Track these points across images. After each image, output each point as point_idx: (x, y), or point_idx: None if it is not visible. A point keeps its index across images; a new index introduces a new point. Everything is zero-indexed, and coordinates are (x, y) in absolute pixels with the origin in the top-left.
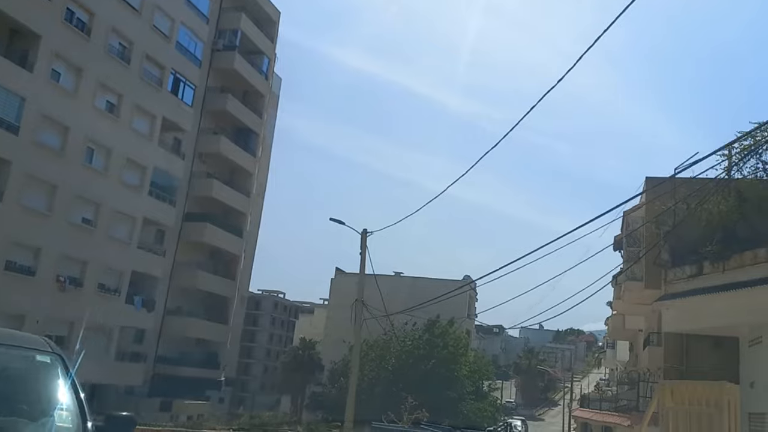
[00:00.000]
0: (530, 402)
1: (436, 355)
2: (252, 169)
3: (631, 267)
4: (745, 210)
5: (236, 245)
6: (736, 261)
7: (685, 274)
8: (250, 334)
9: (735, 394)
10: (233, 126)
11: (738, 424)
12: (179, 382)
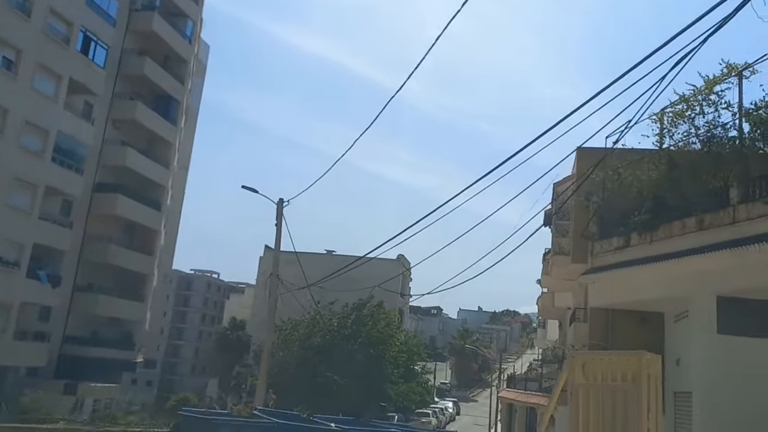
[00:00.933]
0: (465, 383)
1: (364, 335)
2: (172, 139)
3: (560, 241)
4: (676, 177)
5: (154, 219)
6: (664, 231)
7: (612, 246)
8: (181, 315)
9: (655, 366)
10: (152, 92)
11: (659, 400)
12: (89, 364)
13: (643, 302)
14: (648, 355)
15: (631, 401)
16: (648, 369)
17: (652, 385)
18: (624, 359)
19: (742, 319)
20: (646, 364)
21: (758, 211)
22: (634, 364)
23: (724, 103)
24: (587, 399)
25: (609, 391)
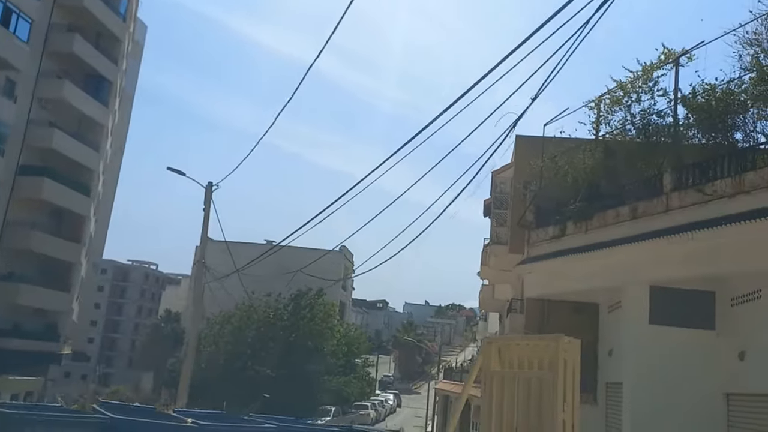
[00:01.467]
0: (408, 376)
1: (301, 327)
2: (104, 121)
3: (498, 231)
4: (611, 165)
5: (83, 205)
6: (599, 220)
7: (548, 235)
8: (117, 307)
9: (574, 351)
10: (82, 71)
11: (576, 389)
12: (9, 356)
13: (579, 292)
14: (566, 339)
15: (546, 390)
16: (565, 354)
17: (569, 372)
18: (541, 344)
19: (674, 309)
20: (564, 350)
21: (691, 199)
22: (551, 349)
23: (661, 90)
24: (501, 388)
25: (524, 379)
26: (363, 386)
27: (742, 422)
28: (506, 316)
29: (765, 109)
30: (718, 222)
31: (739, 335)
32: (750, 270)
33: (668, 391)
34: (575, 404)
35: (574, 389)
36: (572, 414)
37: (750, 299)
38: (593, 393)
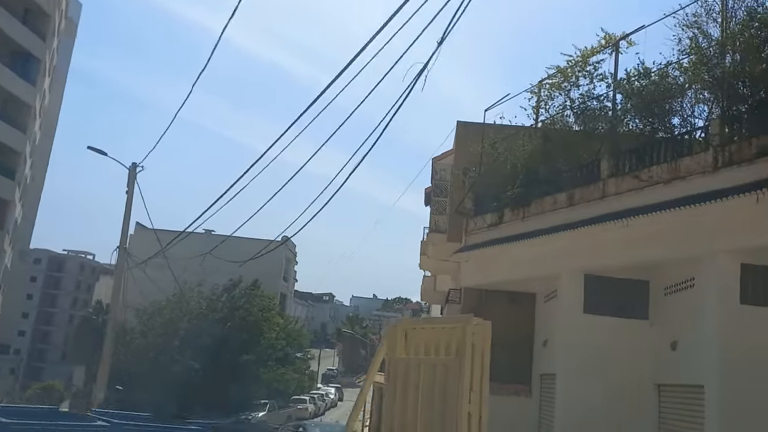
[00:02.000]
0: (352, 369)
1: (237, 319)
2: (31, 101)
3: (436, 219)
4: (549, 151)
5: (7, 189)
6: (536, 207)
7: (486, 223)
8: (51, 299)
9: (484, 335)
10: (7, 48)
11: (485, 376)
12: None
13: (516, 282)
14: (475, 320)
15: (452, 378)
16: (474, 338)
17: (478, 358)
18: (448, 327)
19: (608, 299)
20: (472, 333)
21: (627, 185)
22: (459, 332)
23: (600, 75)
24: (406, 376)
25: (429, 366)
26: (303, 380)
27: (673, 413)
28: (444, 306)
29: (703, 93)
30: (652, 209)
31: (671, 325)
32: (684, 257)
33: (601, 381)
34: (484, 394)
35: (483, 377)
36: (480, 405)
37: (683, 288)
38: (528, 385)
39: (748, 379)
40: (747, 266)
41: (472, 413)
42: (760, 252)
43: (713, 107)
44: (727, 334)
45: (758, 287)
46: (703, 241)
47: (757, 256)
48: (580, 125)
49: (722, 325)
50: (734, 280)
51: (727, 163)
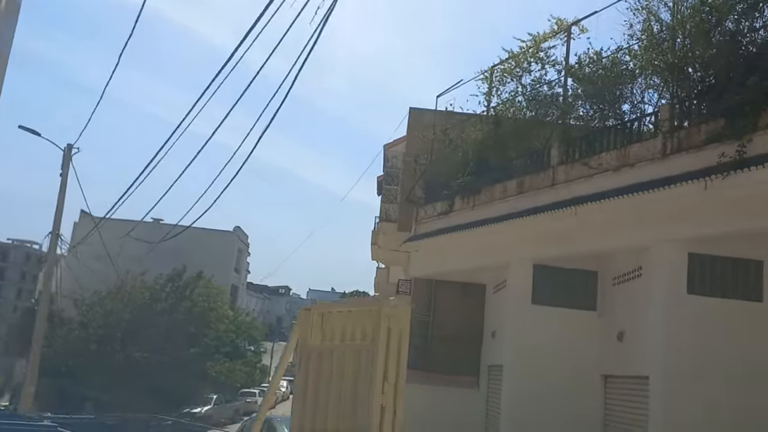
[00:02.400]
0: None
1: (182, 310)
2: None
3: (387, 207)
4: (500, 137)
5: None
6: (486, 195)
7: (436, 211)
8: None
9: (403, 318)
10: None
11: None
12: None
13: (465, 272)
14: (392, 302)
15: (364, 366)
16: (390, 323)
17: (394, 345)
18: (366, 311)
19: (556, 289)
20: (388, 317)
21: (577, 172)
22: (374, 316)
23: (552, 61)
24: (318, 364)
25: (341, 354)
26: (254, 373)
27: (618, 404)
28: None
29: (653, 78)
30: (600, 196)
31: (618, 315)
32: (632, 246)
33: (547, 373)
34: (400, 384)
35: (400, 366)
36: (395, 396)
37: (631, 278)
38: (476, 377)
39: (693, 370)
40: (694, 255)
41: (386, 406)
42: (708, 241)
43: (663, 93)
44: (673, 324)
45: (705, 277)
46: (651, 229)
47: (704, 245)
48: (531, 112)
49: (668, 315)
50: (681, 269)
51: (676, 150)
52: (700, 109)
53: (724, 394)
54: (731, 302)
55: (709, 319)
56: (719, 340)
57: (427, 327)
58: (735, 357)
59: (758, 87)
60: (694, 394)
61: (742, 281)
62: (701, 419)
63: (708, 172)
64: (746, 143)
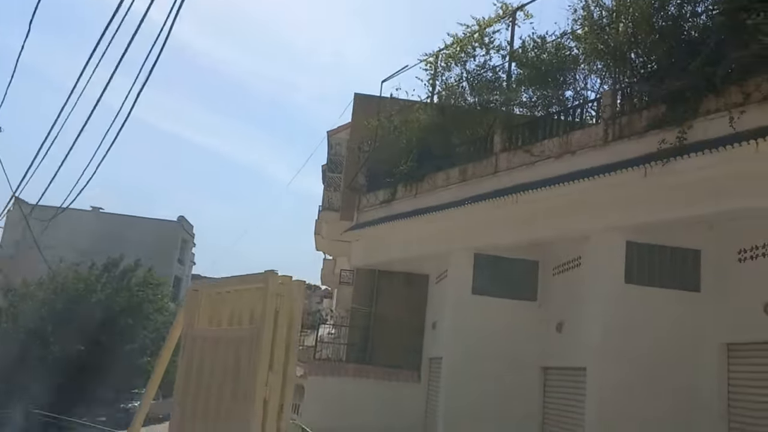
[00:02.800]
0: None
1: (119, 302)
2: None
3: (330, 196)
4: (443, 124)
5: None
6: (429, 183)
7: (378, 199)
8: None
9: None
10: None
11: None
12: None
13: (408, 261)
14: (279, 279)
15: (245, 354)
16: (279, 302)
17: (282, 328)
18: (251, 290)
19: (498, 279)
20: (275, 295)
21: (519, 160)
22: (259, 295)
23: (496, 46)
24: (202, 352)
25: (224, 341)
26: None
27: (557, 397)
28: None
29: (596, 63)
30: (541, 184)
31: (558, 306)
32: (572, 235)
33: (486, 365)
34: (288, 375)
35: (289, 353)
36: (281, 389)
37: (570, 267)
38: (417, 370)
39: (629, 360)
40: (632, 244)
41: (270, 399)
42: (647, 230)
43: (606, 78)
44: (611, 314)
45: (643, 266)
46: (592, 218)
47: (643, 234)
48: (475, 98)
49: (606, 305)
50: (619, 258)
51: (618, 137)
52: (642, 96)
53: (662, 385)
54: (669, 292)
55: (646, 309)
56: (657, 331)
57: (369, 319)
58: (673, 348)
59: (700, 72)
60: (630, 385)
61: (680, 270)
62: (638, 411)
63: (648, 159)
64: (687, 129)
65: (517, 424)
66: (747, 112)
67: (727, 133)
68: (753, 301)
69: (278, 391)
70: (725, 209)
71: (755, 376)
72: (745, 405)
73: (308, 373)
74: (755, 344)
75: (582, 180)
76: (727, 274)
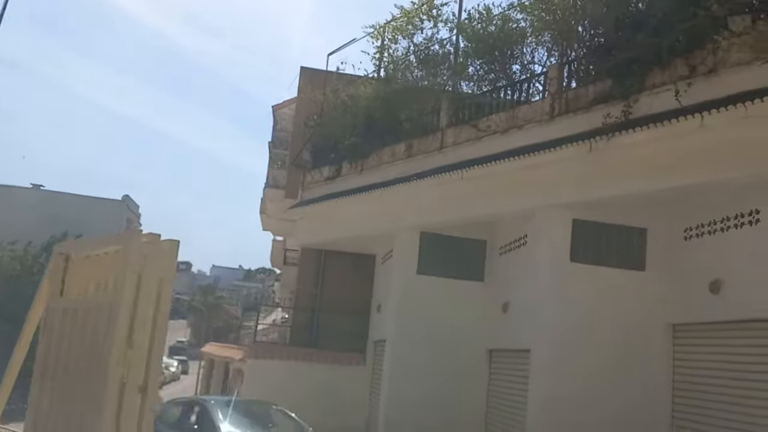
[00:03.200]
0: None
1: None
2: None
3: (275, 173)
4: (391, 99)
5: None
6: (374, 159)
7: (323, 176)
8: None
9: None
10: None
11: (162, 324)
12: None
13: (353, 240)
14: (144, 237)
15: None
16: (142, 267)
17: (146, 297)
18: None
19: (444, 259)
20: (139, 258)
21: (465, 135)
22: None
23: (444, 19)
24: (63, 324)
25: (83, 311)
26: None
27: (501, 379)
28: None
29: (544, 35)
30: (486, 160)
31: (504, 286)
32: (518, 213)
33: (431, 347)
34: (155, 351)
35: (157, 326)
36: (145, 368)
37: (516, 246)
38: (363, 353)
39: (574, 341)
40: (578, 222)
41: (130, 380)
42: (593, 207)
43: (553, 52)
44: (556, 294)
45: (589, 244)
46: (538, 195)
47: (589, 211)
48: (422, 71)
49: (551, 285)
50: (565, 237)
51: (564, 111)
52: (589, 69)
53: (604, 366)
54: (615, 271)
55: (591, 289)
56: (602, 311)
57: (314, 301)
58: (618, 328)
59: (646, 44)
60: (574, 366)
61: (626, 249)
62: (580, 392)
63: (593, 134)
64: (632, 104)
65: (461, 408)
66: (693, 85)
67: (673, 107)
68: (698, 280)
69: (140, 370)
70: (671, 186)
71: (699, 357)
72: (688, 386)
73: (247, 357)
74: (699, 324)
75: (527, 156)
76: (673, 252)
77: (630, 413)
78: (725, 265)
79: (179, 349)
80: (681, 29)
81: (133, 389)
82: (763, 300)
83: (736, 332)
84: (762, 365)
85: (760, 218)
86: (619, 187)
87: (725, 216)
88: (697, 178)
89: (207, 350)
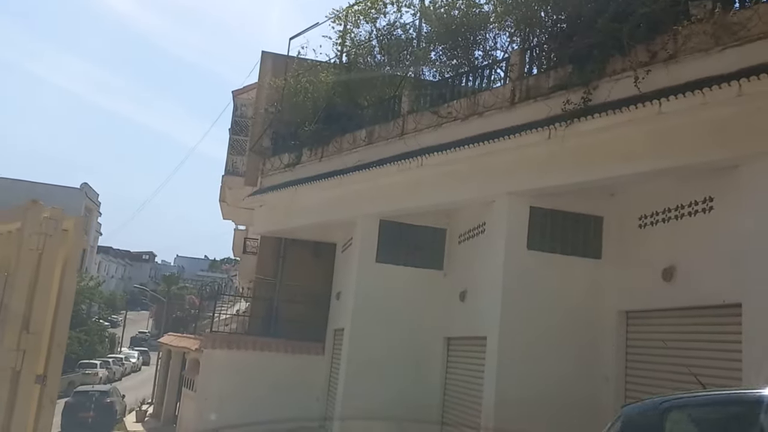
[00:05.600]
0: (167, 332)
1: None
2: None
3: (234, 159)
4: (351, 84)
5: None
6: (335, 146)
7: (283, 163)
8: None
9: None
10: None
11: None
12: None
13: (315, 230)
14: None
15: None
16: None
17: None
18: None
19: (404, 247)
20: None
21: (426, 121)
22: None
23: (407, 2)
24: None
25: None
26: (96, 343)
27: (458, 368)
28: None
29: (506, 20)
30: (445, 147)
31: (462, 274)
32: (477, 200)
33: (388, 336)
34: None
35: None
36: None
37: (475, 234)
38: (322, 343)
39: (529, 329)
40: (536, 209)
41: (25, 368)
42: (551, 195)
43: (515, 37)
44: (513, 282)
45: (546, 232)
46: (496, 182)
47: (547, 199)
48: (384, 57)
49: (508, 273)
50: (522, 224)
51: (525, 98)
52: (550, 55)
53: (558, 353)
54: (571, 259)
55: (548, 277)
56: (558, 299)
57: (274, 290)
58: (573, 316)
59: (607, 28)
60: (529, 354)
61: (582, 237)
62: (534, 378)
63: (553, 121)
64: (592, 90)
65: (419, 397)
66: (653, 71)
67: (632, 94)
68: (652, 268)
69: (39, 358)
70: (628, 173)
71: (652, 344)
72: (641, 373)
73: (203, 347)
74: (652, 311)
75: (486, 143)
76: (628, 240)
77: (583, 399)
78: (678, 252)
79: (141, 340)
80: (642, 15)
81: (29, 378)
82: (714, 287)
83: (688, 319)
84: (712, 351)
85: (713, 206)
86: (577, 174)
87: (679, 204)
88: (654, 165)
89: (165, 341)
